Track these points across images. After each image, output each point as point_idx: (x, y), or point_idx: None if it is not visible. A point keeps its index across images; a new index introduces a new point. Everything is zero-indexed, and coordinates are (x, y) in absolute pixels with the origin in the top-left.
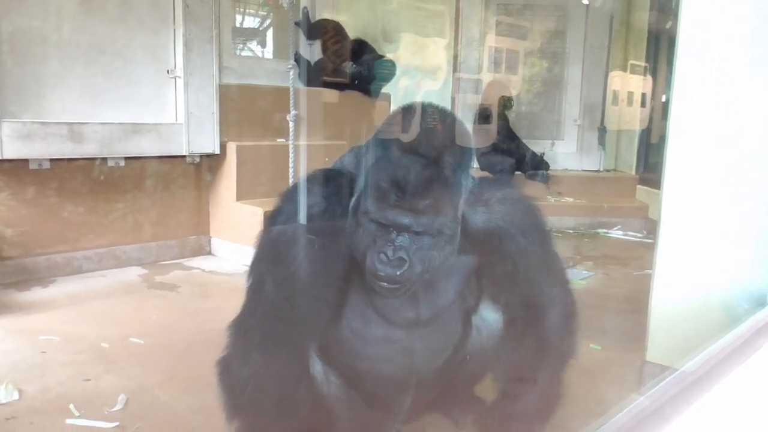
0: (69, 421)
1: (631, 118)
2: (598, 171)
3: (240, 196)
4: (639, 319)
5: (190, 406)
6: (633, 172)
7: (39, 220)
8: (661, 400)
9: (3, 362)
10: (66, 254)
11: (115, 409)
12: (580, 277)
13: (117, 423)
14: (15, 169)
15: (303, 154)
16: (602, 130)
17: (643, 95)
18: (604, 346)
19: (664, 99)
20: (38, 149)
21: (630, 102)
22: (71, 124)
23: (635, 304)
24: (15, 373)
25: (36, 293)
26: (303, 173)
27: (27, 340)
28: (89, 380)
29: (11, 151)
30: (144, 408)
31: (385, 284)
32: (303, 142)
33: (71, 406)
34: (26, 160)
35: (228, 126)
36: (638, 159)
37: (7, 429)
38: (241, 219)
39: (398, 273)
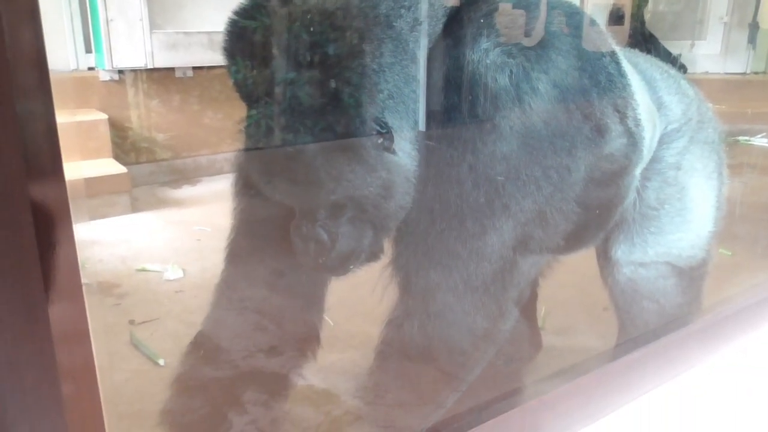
0: None
1: None
2: (744, 74)
3: None
4: None
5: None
6: None
7: (185, 126)
8: None
9: (167, 247)
10: (209, 157)
11: None
12: None
13: None
14: (163, 78)
15: None
16: (754, 27)
17: None
18: (735, 251)
19: None
20: (182, 58)
21: None
22: (210, 33)
23: None
24: (178, 256)
25: (186, 191)
26: None
27: (183, 229)
28: None
29: (160, 60)
30: None
31: None
32: None
33: None
34: (172, 69)
35: None
36: None
37: (177, 299)
38: None
39: None
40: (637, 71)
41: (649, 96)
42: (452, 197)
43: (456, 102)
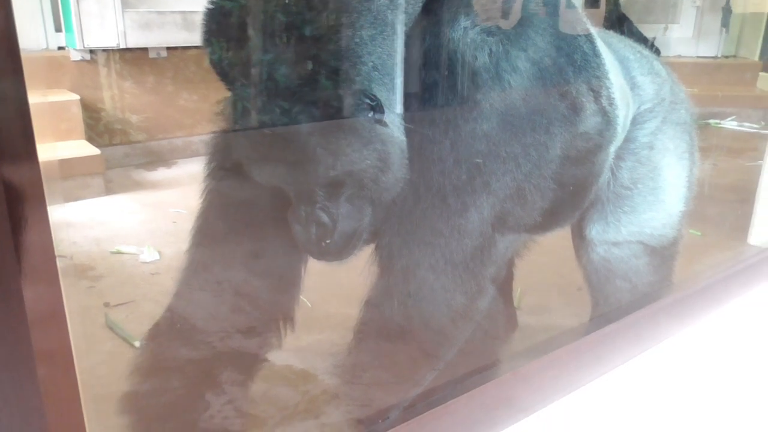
0: None
1: None
2: (715, 57)
3: None
4: (744, 208)
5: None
6: (756, 59)
7: (159, 107)
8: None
9: (142, 229)
10: (184, 138)
11: None
12: None
13: None
14: (136, 58)
15: None
16: (726, 11)
17: None
18: (704, 232)
19: None
20: (156, 38)
21: None
22: (184, 12)
23: (741, 194)
24: (153, 238)
25: (161, 173)
26: None
27: (159, 212)
28: None
29: (133, 40)
30: None
31: None
32: None
33: None
34: (146, 49)
35: None
36: (764, 44)
37: (153, 281)
38: None
39: None
40: (611, 51)
41: (623, 76)
42: (434, 175)
43: (437, 80)
